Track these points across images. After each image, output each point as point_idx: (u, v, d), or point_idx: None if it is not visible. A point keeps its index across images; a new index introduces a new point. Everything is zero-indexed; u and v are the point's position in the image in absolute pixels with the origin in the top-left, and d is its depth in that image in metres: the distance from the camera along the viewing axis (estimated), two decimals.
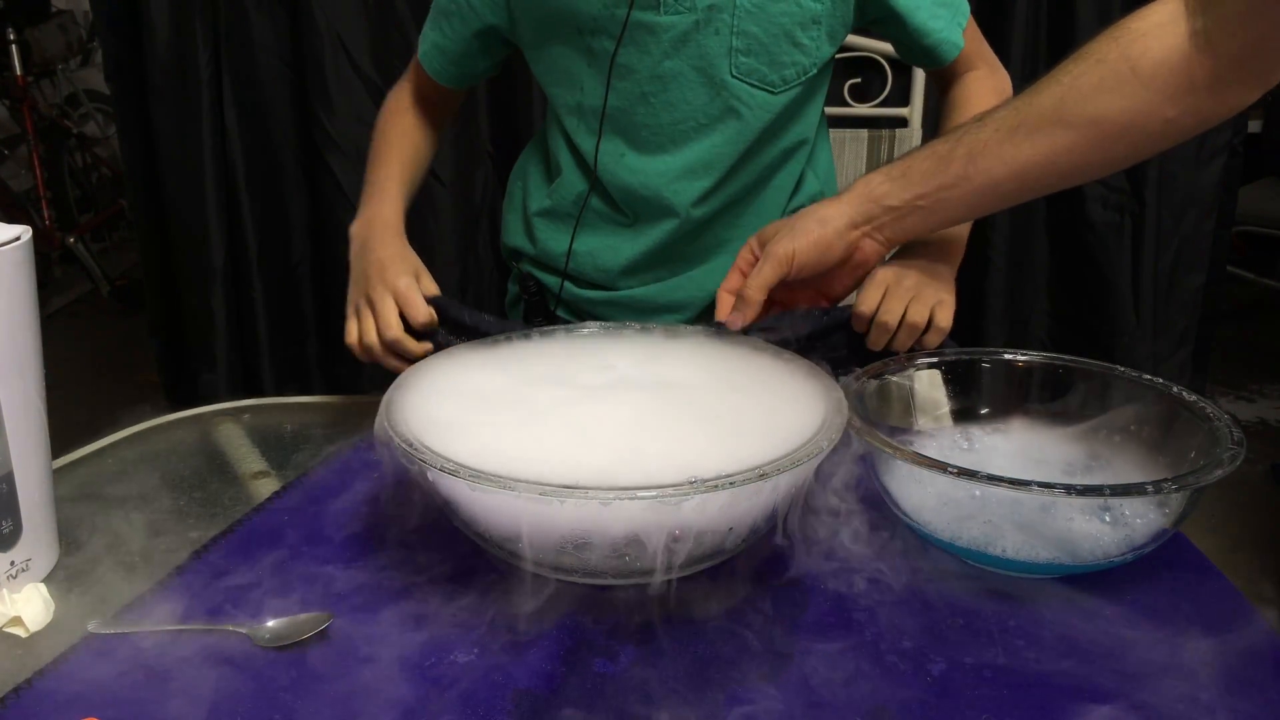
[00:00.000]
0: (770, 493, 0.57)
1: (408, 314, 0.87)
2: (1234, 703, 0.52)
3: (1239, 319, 3.15)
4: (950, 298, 0.85)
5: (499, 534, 0.59)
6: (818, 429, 0.60)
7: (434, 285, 0.91)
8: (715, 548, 0.59)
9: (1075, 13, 1.68)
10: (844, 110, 1.69)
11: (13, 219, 0.66)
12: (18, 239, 0.61)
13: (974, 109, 0.95)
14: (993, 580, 0.64)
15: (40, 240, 3.45)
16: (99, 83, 3.79)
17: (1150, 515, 0.62)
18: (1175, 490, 0.59)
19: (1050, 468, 0.72)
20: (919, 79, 1.67)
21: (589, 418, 0.64)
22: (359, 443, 0.86)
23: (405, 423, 0.61)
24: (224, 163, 1.84)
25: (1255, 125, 2.96)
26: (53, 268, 3.85)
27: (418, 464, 0.57)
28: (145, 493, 0.79)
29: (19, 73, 3.44)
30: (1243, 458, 0.60)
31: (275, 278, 1.91)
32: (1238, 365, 2.86)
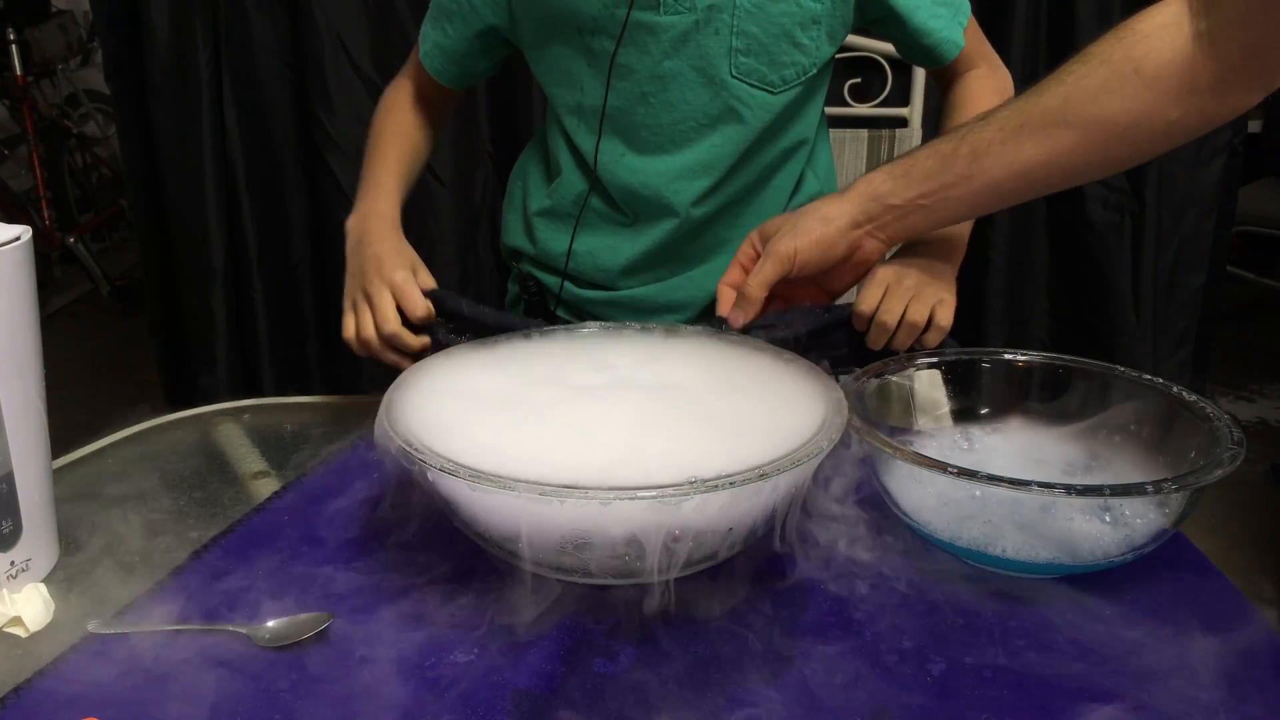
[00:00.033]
0: (770, 493, 0.57)
1: (405, 308, 0.87)
2: (1234, 703, 0.52)
3: (1239, 319, 3.15)
4: (951, 297, 0.85)
5: (499, 534, 0.58)
6: (818, 429, 0.60)
7: (431, 279, 0.91)
8: (715, 548, 0.59)
9: (1075, 13, 1.68)
10: (844, 110, 1.69)
11: (13, 219, 0.66)
12: (18, 239, 0.61)
13: (975, 108, 0.94)
14: (993, 580, 0.64)
15: (40, 240, 3.46)
16: (99, 83, 3.80)
17: (1150, 515, 0.62)
18: (1175, 490, 0.59)
19: (1050, 468, 0.72)
20: (919, 79, 1.67)
21: (589, 418, 0.64)
22: (359, 443, 0.86)
23: (405, 423, 0.61)
24: (224, 163, 1.84)
25: (1255, 125, 2.96)
26: (53, 268, 3.85)
27: (418, 464, 0.57)
28: (145, 493, 0.79)
29: (19, 73, 3.44)
30: (1243, 458, 0.60)
31: (275, 278, 1.91)
32: (1238, 365, 2.86)
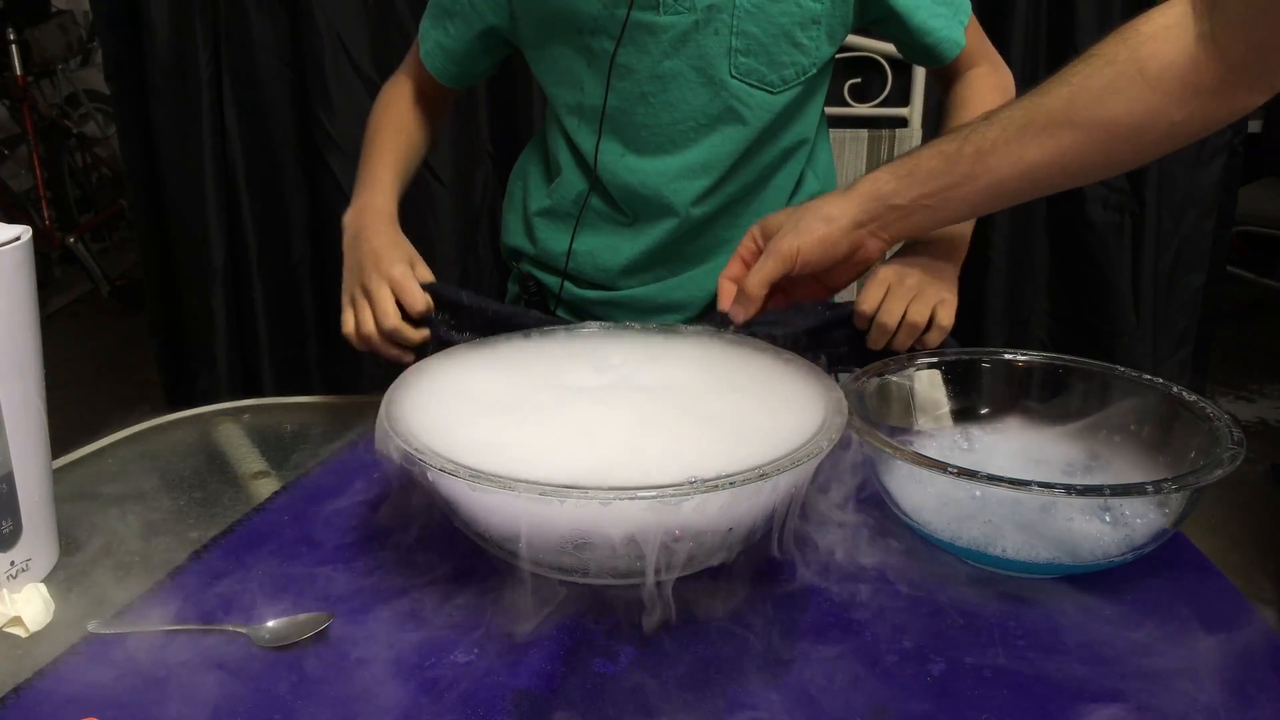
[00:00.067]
0: (770, 493, 0.57)
1: (404, 302, 0.87)
2: (1234, 703, 0.52)
3: (1239, 319, 3.15)
4: (952, 297, 0.85)
5: (499, 534, 0.58)
6: (818, 429, 0.60)
7: (429, 272, 0.91)
8: (715, 548, 0.59)
9: (1075, 13, 1.67)
10: (844, 110, 1.69)
11: (13, 219, 0.66)
12: (18, 239, 0.61)
13: (977, 106, 0.95)
14: (993, 580, 0.64)
15: (40, 240, 3.46)
16: (99, 83, 3.79)
17: (1150, 515, 0.62)
18: (1175, 490, 0.59)
19: (1050, 468, 0.72)
20: (919, 79, 1.67)
21: (589, 418, 0.64)
22: (358, 443, 0.86)
23: (405, 423, 0.61)
24: (224, 163, 1.83)
25: (1255, 125, 2.96)
26: (53, 268, 3.85)
27: (418, 464, 0.57)
28: (145, 493, 0.79)
29: (19, 73, 3.44)
30: (1243, 458, 0.60)
31: (275, 278, 1.91)
32: (1238, 365, 2.86)
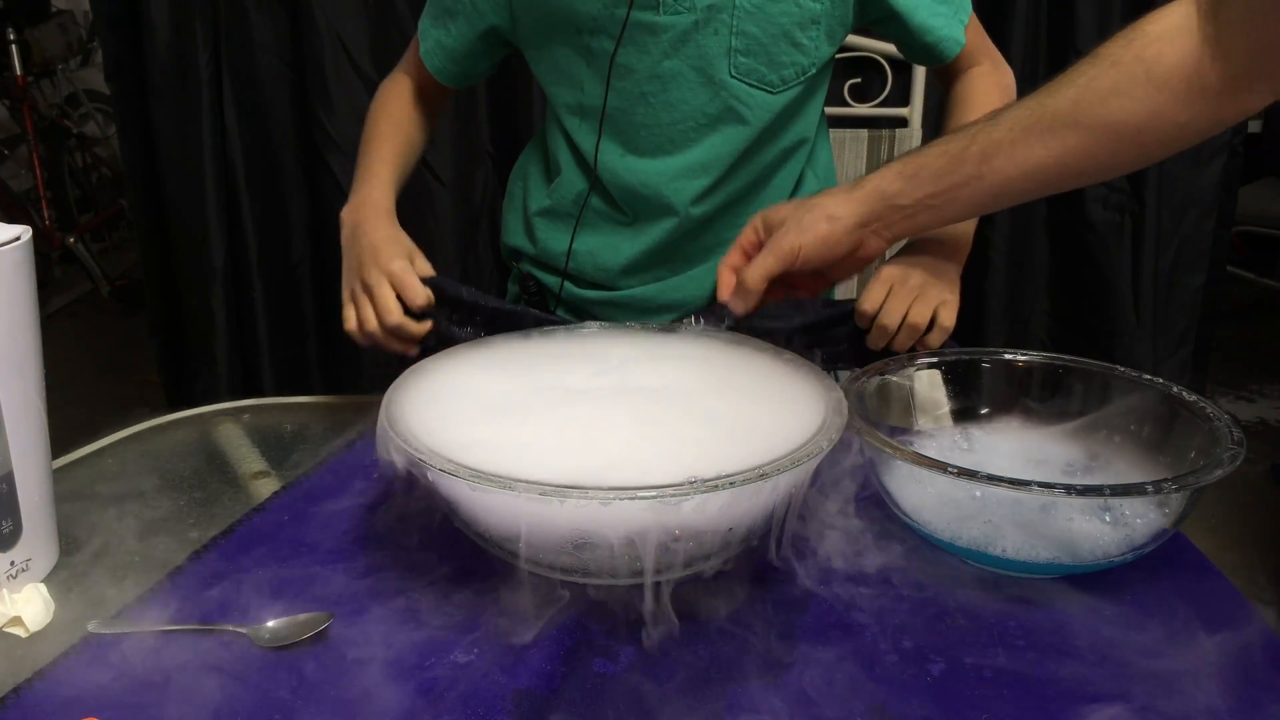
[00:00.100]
0: (770, 493, 0.57)
1: (405, 297, 0.87)
2: (1234, 702, 0.52)
3: (1239, 319, 3.15)
4: (954, 298, 0.85)
5: (499, 534, 0.58)
6: (818, 429, 0.60)
7: (428, 265, 0.91)
8: (715, 548, 0.59)
9: (1075, 13, 1.67)
10: (844, 110, 1.69)
11: (13, 219, 0.66)
12: (18, 239, 0.61)
13: (978, 104, 0.95)
14: (993, 580, 0.64)
15: (40, 240, 3.46)
16: (99, 83, 3.79)
17: (1150, 515, 0.62)
18: (1175, 490, 0.59)
19: (1050, 468, 0.72)
20: (919, 79, 1.67)
21: (589, 418, 0.64)
22: (358, 443, 0.86)
23: (405, 423, 0.61)
24: (224, 163, 1.83)
25: (1255, 125, 2.96)
26: (53, 268, 3.85)
27: (418, 464, 0.57)
28: (145, 493, 0.79)
29: (19, 73, 3.44)
30: (1243, 458, 0.60)
31: (275, 278, 1.91)
32: (1238, 365, 2.86)
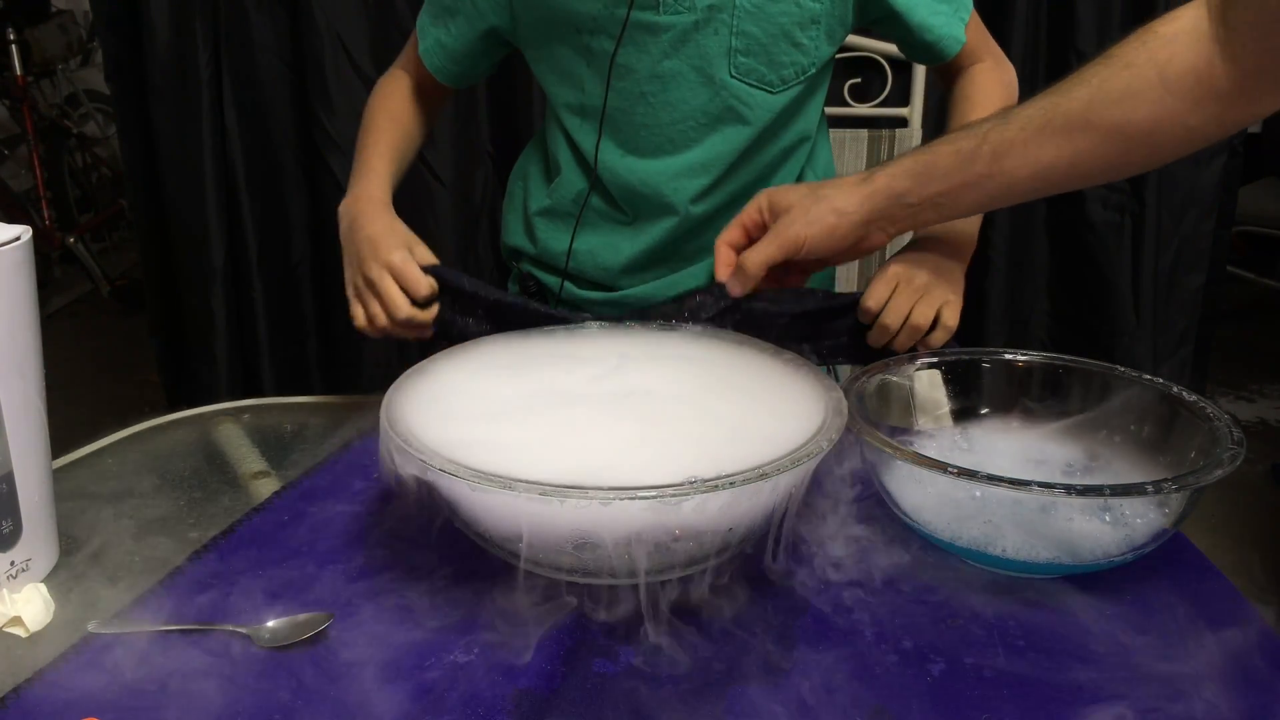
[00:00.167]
0: (770, 493, 0.57)
1: (407, 289, 0.87)
2: (1234, 702, 0.52)
3: (1239, 319, 3.15)
4: (958, 298, 0.85)
5: (499, 534, 0.59)
6: (818, 429, 0.60)
7: (429, 254, 0.91)
8: (715, 548, 0.59)
9: (1075, 13, 1.67)
10: (844, 110, 1.69)
11: (13, 219, 0.66)
12: (18, 239, 0.61)
13: (980, 102, 0.95)
14: (993, 580, 0.64)
15: (40, 240, 3.46)
16: (99, 83, 3.79)
17: (1150, 515, 0.62)
18: (1175, 490, 0.59)
19: (1050, 468, 0.72)
20: (919, 79, 1.67)
21: (589, 418, 0.64)
22: (358, 442, 0.86)
23: (405, 423, 0.61)
24: (224, 163, 1.83)
25: (1255, 126, 2.96)
26: (53, 268, 3.84)
27: (418, 464, 0.57)
28: (145, 493, 0.79)
29: (19, 73, 3.44)
30: (1243, 458, 0.60)
31: (275, 278, 1.91)
32: (1238, 365, 2.86)
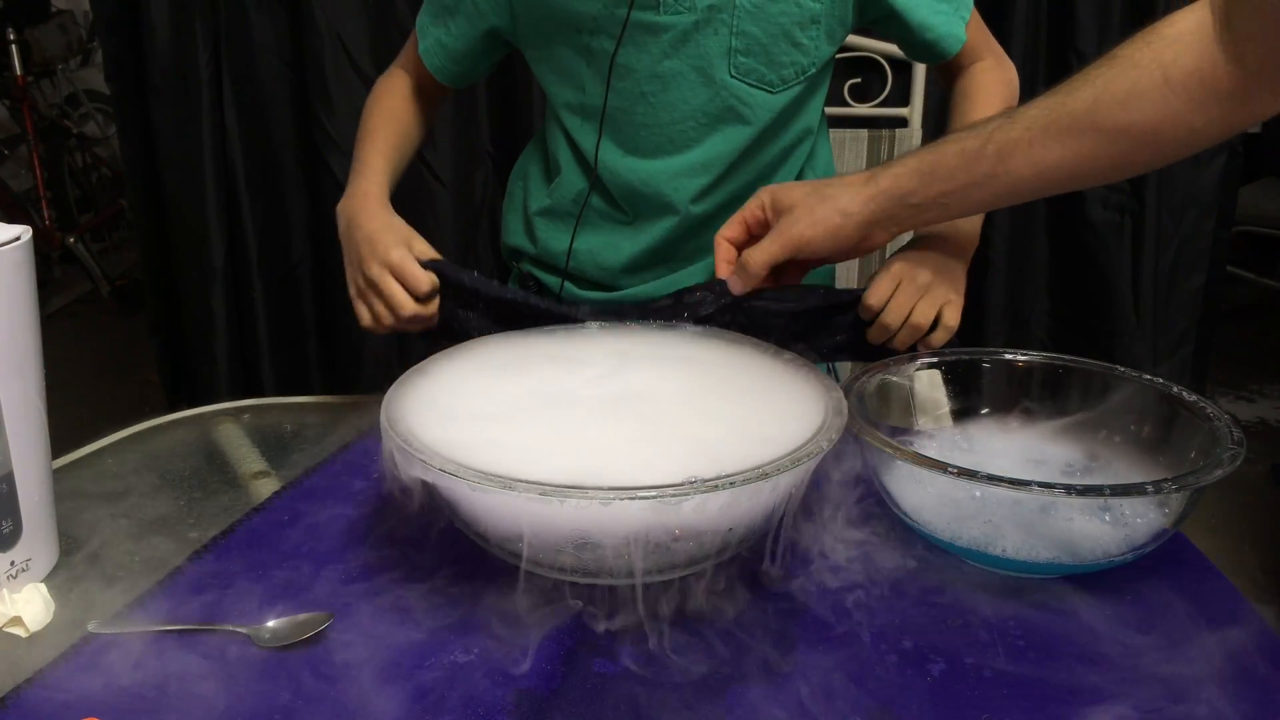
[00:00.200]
0: (770, 492, 0.57)
1: (408, 286, 0.87)
2: (1234, 702, 0.52)
3: (1239, 319, 3.15)
4: (959, 297, 0.85)
5: (500, 534, 0.58)
6: (818, 429, 0.60)
7: (429, 248, 0.91)
8: (715, 548, 0.59)
9: (1075, 13, 1.67)
10: (844, 110, 1.69)
11: (13, 219, 0.66)
12: (18, 239, 0.61)
13: (982, 101, 0.95)
14: (993, 580, 0.64)
15: (40, 240, 3.46)
16: (99, 83, 3.80)
17: (1150, 515, 0.62)
18: (1175, 490, 0.59)
19: (1050, 468, 0.72)
20: (919, 79, 1.67)
21: (589, 417, 0.64)
22: (358, 442, 0.86)
23: (405, 423, 0.61)
24: (224, 163, 1.83)
25: (1255, 126, 2.96)
26: (53, 268, 3.85)
27: (418, 464, 0.57)
28: (145, 493, 0.79)
29: (19, 73, 3.44)
30: (1243, 458, 0.60)
31: (275, 278, 1.91)
32: (1238, 365, 2.86)
